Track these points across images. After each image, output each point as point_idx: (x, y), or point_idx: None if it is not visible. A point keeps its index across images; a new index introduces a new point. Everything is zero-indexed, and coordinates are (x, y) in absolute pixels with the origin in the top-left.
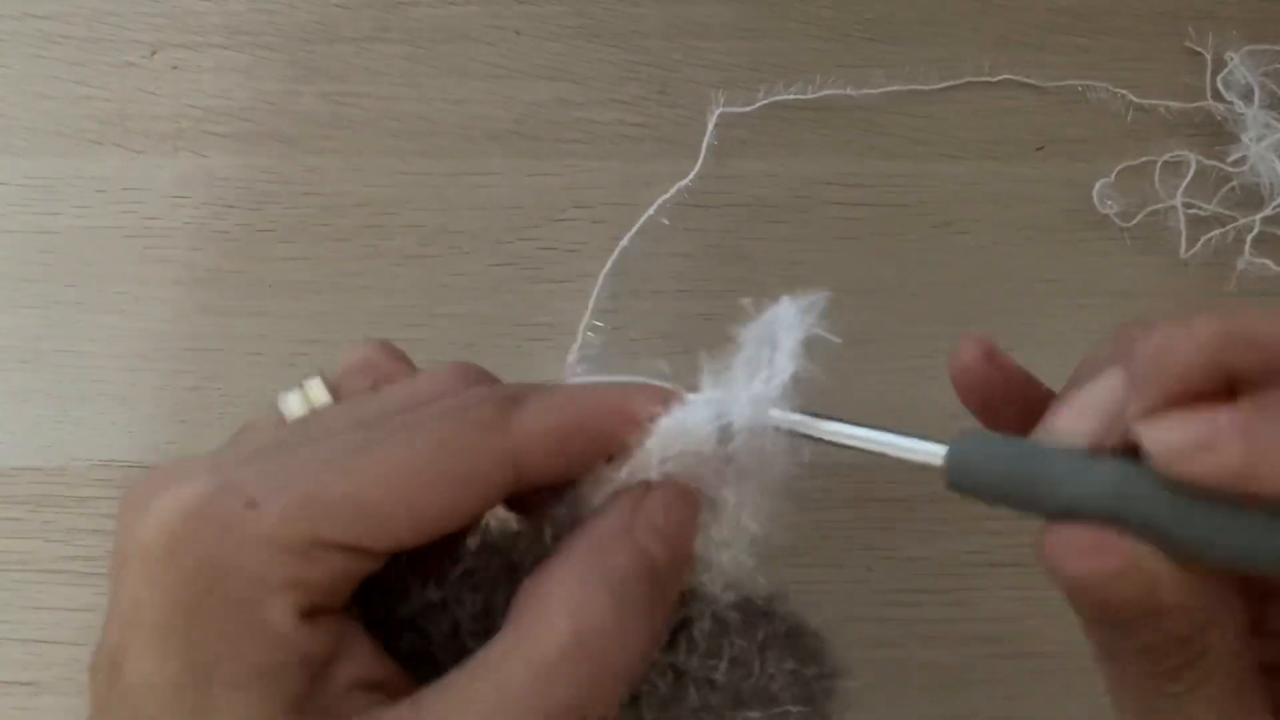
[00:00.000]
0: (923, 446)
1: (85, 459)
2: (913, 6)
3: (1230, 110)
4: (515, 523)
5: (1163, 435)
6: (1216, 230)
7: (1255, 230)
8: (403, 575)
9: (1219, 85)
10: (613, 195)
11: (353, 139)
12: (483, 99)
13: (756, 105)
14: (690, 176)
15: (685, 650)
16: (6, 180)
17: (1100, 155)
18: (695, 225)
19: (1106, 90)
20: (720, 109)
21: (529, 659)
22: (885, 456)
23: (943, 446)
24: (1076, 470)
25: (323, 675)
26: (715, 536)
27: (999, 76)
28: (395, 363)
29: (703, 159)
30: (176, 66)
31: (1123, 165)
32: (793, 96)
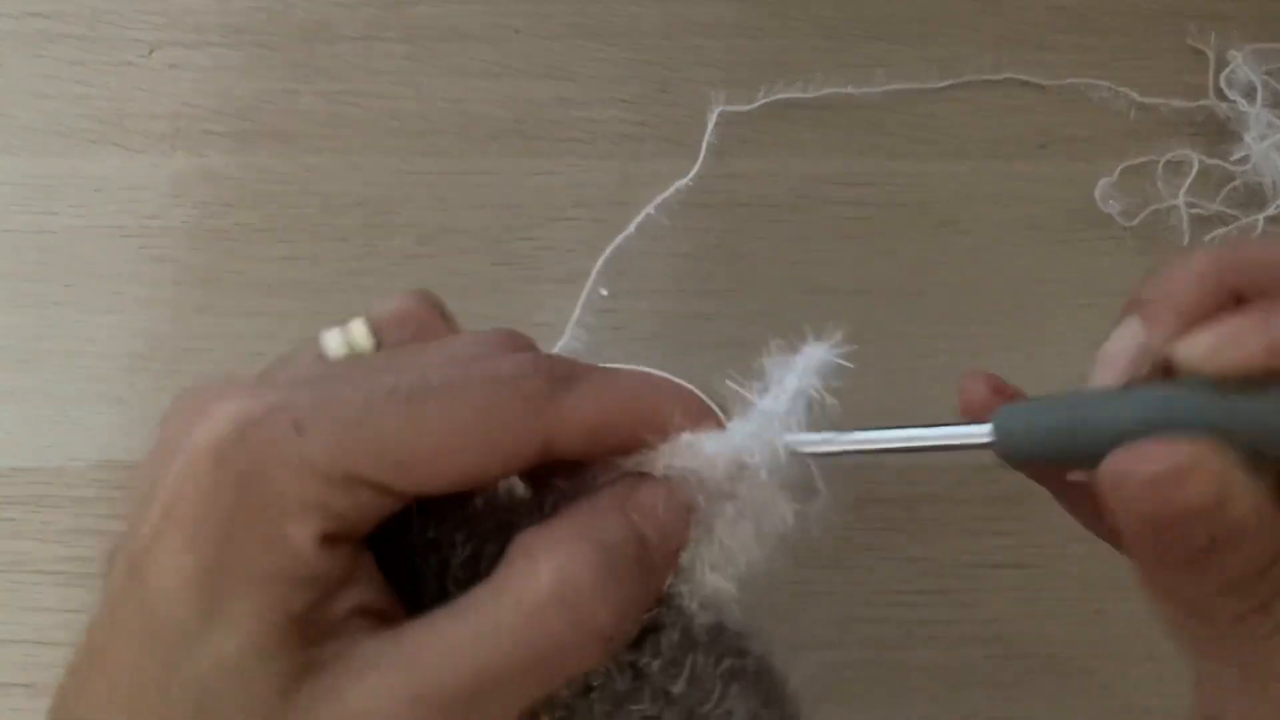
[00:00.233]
0: (966, 430)
1: (83, 459)
2: (914, 5)
3: (1233, 109)
4: (521, 488)
5: (1190, 344)
6: (1219, 229)
7: (1259, 229)
8: (408, 510)
9: (1222, 84)
10: (612, 194)
11: (352, 138)
12: (482, 98)
13: (757, 104)
14: (690, 175)
15: (650, 654)
16: (4, 179)
17: (1102, 154)
18: (695, 224)
19: (1109, 89)
20: (720, 108)
21: (511, 604)
22: (929, 451)
23: (983, 425)
24: (1120, 401)
25: (329, 597)
26: (704, 555)
27: (1000, 75)
28: (438, 319)
29: (703, 158)
30: (175, 65)
31: (1125, 164)
32: (793, 95)
